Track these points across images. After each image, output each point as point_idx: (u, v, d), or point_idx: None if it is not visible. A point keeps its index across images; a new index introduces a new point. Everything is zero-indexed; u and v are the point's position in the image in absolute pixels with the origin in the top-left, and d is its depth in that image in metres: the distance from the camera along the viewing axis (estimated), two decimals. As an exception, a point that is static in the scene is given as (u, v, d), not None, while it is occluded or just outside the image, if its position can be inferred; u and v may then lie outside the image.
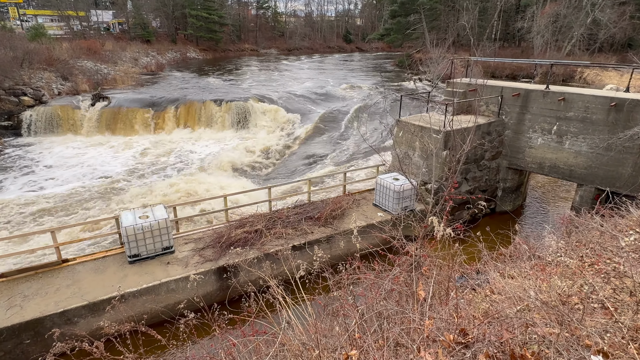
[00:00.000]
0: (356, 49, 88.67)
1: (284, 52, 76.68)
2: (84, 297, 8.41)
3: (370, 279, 4.55)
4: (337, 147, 23.35)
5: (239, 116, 26.50)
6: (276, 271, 8.63)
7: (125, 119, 25.93)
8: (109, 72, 36.99)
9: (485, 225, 8.48)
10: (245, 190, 13.31)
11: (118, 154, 22.37)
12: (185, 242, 10.71)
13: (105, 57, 40.77)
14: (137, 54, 47.94)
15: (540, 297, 3.94)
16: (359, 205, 13.18)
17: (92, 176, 19.02)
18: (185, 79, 39.09)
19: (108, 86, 32.88)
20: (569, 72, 39.39)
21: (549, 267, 5.96)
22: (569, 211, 12.21)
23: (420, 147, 13.16)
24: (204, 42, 65.99)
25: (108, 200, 16.22)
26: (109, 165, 20.65)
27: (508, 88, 13.89)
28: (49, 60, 31.48)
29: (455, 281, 5.46)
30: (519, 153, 14.02)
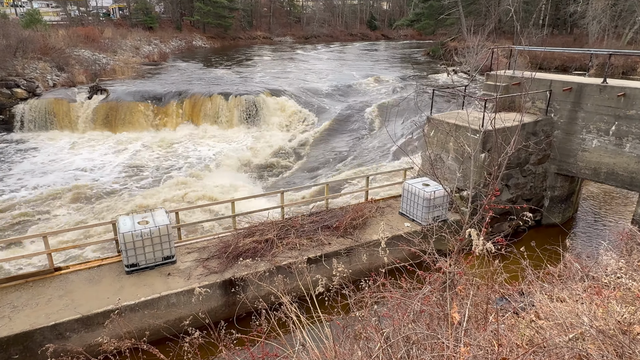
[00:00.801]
0: (382, 37, 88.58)
1: (300, 40, 77.25)
2: (77, 309, 8.62)
3: (396, 298, 4.52)
4: (358, 147, 23.32)
5: (249, 112, 26.80)
6: (289, 286, 8.65)
7: (124, 114, 26.56)
8: (107, 62, 37.98)
9: (529, 239, 8.31)
10: (255, 195, 13.42)
11: (116, 152, 22.90)
12: (188, 252, 10.85)
13: (104, 46, 41.90)
14: (138, 42, 49.09)
15: (595, 325, 3.84)
16: (383, 214, 13.12)
17: (86, 177, 19.51)
18: (190, 70, 39.80)
19: (106, 77, 33.74)
20: (630, 63, 38.37)
21: (605, 289, 5.80)
22: (629, 225, 11.86)
23: (454, 149, 13.03)
24: (212, 29, 67.08)
25: (102, 204, 16.61)
26: (105, 165, 21.16)
27: (558, 82, 13.63)
28: (44, 49, 32.55)
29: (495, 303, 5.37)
30: (570, 157, 13.73)
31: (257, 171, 20.79)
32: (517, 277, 6.23)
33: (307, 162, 22.04)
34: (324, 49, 65.49)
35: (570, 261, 7.03)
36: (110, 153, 22.79)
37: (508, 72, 15.18)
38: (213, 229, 13.89)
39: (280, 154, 22.74)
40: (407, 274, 5.54)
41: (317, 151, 23.23)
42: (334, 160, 21.81)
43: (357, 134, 25.08)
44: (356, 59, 52.83)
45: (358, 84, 33.91)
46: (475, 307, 4.10)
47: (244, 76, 36.39)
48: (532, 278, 6.18)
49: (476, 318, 4.15)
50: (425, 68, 44.17)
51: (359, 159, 21.75)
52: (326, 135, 25.05)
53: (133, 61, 41.69)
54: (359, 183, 17.76)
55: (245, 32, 73.07)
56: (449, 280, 3.81)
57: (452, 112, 14.31)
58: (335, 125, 26.07)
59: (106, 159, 21.96)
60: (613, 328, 3.72)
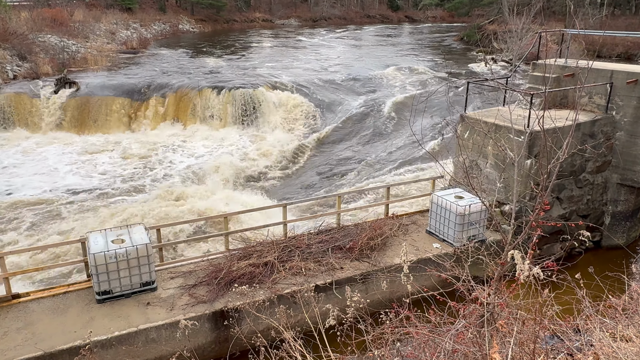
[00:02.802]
0: (405, 19, 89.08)
1: (307, 24, 77.92)
2: (38, 345, 8.67)
3: (423, 334, 4.51)
4: (377, 150, 23.34)
5: (246, 108, 26.97)
6: (293, 319, 8.63)
7: (97, 112, 26.91)
8: (78, 49, 38.61)
9: (586, 264, 8.22)
10: (252, 209, 13.46)
11: (86, 157, 23.18)
12: (171, 277, 10.88)
13: (73, 30, 42.63)
14: (114, 26, 49.89)
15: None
16: (407, 232, 13.09)
17: (49, 187, 19.74)
18: (175, 58, 40.28)
19: (77, 68, 34.25)
20: None
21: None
22: None
23: (494, 154, 12.98)
24: (202, 11, 68.00)
25: (69, 220, 16.78)
26: (72, 172, 21.40)
27: (621, 72, 13.57)
28: (3, 35, 33.23)
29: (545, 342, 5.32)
30: (636, 164, 13.61)
31: (254, 180, 20.86)
32: (572, 311, 6.16)
33: (314, 169, 22.07)
34: (335, 33, 65.96)
35: (637, 291, 6.94)
36: (77, 157, 23.04)
37: (559, 61, 15.15)
38: (201, 249, 13.92)
39: (283, 159, 22.82)
40: (436, 305, 5.51)
41: (327, 156, 23.27)
42: (348, 166, 21.83)
43: (375, 135, 25.12)
44: (374, 46, 53.09)
45: (377, 76, 34.05)
46: (520, 347, 4.07)
47: (239, 66, 36.73)
48: (590, 312, 6.11)
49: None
50: (458, 56, 44.25)
51: (378, 165, 21.75)
52: (338, 136, 25.11)
53: (108, 48, 42.31)
54: (378, 195, 17.73)
55: (242, 14, 73.96)
56: (488, 314, 3.79)
57: (491, 110, 14.31)
58: (349, 124, 26.14)
59: (76, 164, 22.20)
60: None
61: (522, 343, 4.15)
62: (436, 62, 40.61)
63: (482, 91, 26.96)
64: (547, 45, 31.97)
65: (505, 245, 4.01)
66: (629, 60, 37.79)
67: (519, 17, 33.97)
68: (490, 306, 3.84)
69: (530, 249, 4.06)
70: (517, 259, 3.49)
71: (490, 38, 42.18)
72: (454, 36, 59.88)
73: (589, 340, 5.42)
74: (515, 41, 32.44)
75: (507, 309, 4.12)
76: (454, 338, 3.97)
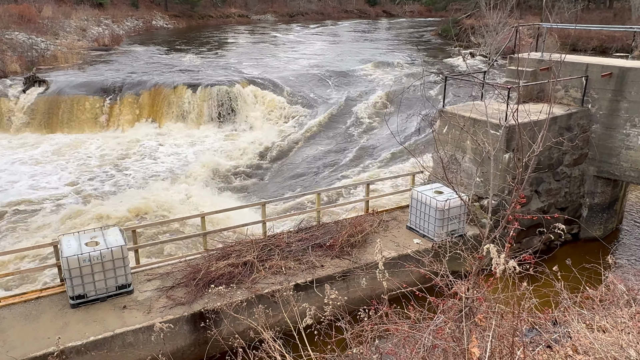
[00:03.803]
0: (383, 14, 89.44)
1: (284, 19, 77.69)
2: (9, 353, 8.49)
3: (403, 330, 4.53)
4: (356, 147, 23.40)
5: (223, 106, 26.81)
6: (273, 319, 8.64)
7: (68, 111, 26.44)
8: (47, 46, 37.86)
9: (565, 256, 8.38)
10: (230, 208, 13.38)
11: (57, 157, 22.74)
12: (148, 279, 10.76)
13: (42, 27, 41.76)
14: (85, 23, 49.03)
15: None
16: (388, 229, 13.15)
17: (17, 191, 19.31)
18: (149, 55, 39.78)
19: (46, 66, 33.61)
20: (681, 43, 39.00)
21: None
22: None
23: (472, 148, 13.13)
24: (176, 7, 67.23)
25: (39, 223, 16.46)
26: (43, 174, 20.99)
27: (596, 66, 13.83)
28: (-32, 32, 32.36)
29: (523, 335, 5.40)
30: (612, 156, 13.89)
31: (232, 179, 20.75)
32: (550, 303, 6.27)
33: (294, 166, 22.05)
34: (313, 29, 65.91)
35: (613, 282, 7.10)
36: (52, 157, 22.60)
37: (535, 55, 15.37)
38: (179, 250, 13.80)
39: (261, 158, 22.75)
40: (417, 301, 5.56)
41: (307, 153, 23.26)
42: (327, 163, 21.85)
43: (355, 132, 25.18)
44: (353, 41, 53.20)
45: (355, 71, 34.13)
46: (499, 340, 4.13)
47: (215, 63, 36.45)
48: (568, 304, 6.23)
49: (500, 353, 4.17)
50: (436, 51, 44.61)
51: (358, 161, 21.81)
52: (317, 133, 25.12)
53: (79, 46, 41.59)
54: (358, 191, 17.79)
55: (217, 10, 73.35)
56: (467, 308, 3.83)
57: (468, 104, 14.44)
58: (328, 121, 26.16)
59: (46, 165, 21.77)
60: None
61: (501, 336, 4.21)
62: (414, 57, 40.88)
63: (461, 86, 27.23)
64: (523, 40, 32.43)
65: (483, 239, 4.06)
66: (604, 54, 38.57)
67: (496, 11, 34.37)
68: (468, 301, 3.88)
69: (507, 242, 4.12)
70: (492, 253, 3.53)
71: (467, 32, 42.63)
72: (431, 31, 60.35)
73: (567, 331, 5.52)
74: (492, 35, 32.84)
75: (486, 303, 4.17)
76: (433, 333, 4.01)
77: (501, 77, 26.51)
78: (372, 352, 4.14)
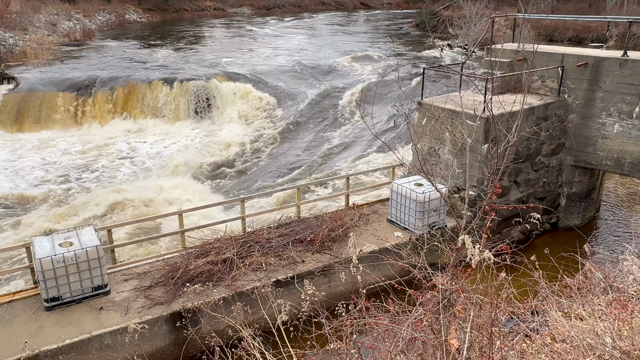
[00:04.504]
0: (360, 6, 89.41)
1: (261, 12, 77.17)
2: (-19, 359, 8.34)
3: (383, 324, 4.55)
4: (336, 141, 23.42)
5: (199, 101, 26.57)
6: (253, 317, 8.61)
7: (39, 108, 25.88)
8: (16, 42, 37.00)
9: (544, 246, 8.51)
10: (208, 205, 13.29)
11: (28, 156, 22.28)
12: (125, 279, 10.66)
13: (10, 22, 40.78)
14: (55, 17, 48.02)
15: (619, 346, 3.96)
16: (368, 222, 13.20)
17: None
18: (123, 50, 39.18)
19: (15, 62, 32.85)
20: (655, 32, 39.83)
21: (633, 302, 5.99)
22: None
23: (451, 140, 13.22)
24: (150, 0, 66.22)
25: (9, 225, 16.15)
26: (12, 173, 20.55)
27: (571, 56, 14.03)
28: None
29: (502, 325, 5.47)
30: (589, 145, 14.14)
31: (210, 175, 20.61)
32: (528, 293, 6.37)
33: (272, 161, 21.98)
34: (290, 22, 65.60)
35: (590, 270, 7.23)
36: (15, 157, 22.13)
37: (511, 46, 15.52)
38: (156, 249, 13.67)
39: (240, 153, 22.62)
40: (397, 294, 5.58)
41: (286, 148, 23.20)
42: (307, 158, 21.82)
43: (334, 125, 25.17)
44: (331, 34, 53.11)
45: (334, 65, 34.08)
46: (478, 331, 4.17)
47: (191, 57, 36.05)
48: (547, 292, 6.33)
49: (480, 344, 4.21)
50: (414, 43, 44.79)
51: (338, 155, 21.83)
52: (296, 127, 25.05)
53: (49, 41, 40.72)
54: (338, 184, 17.81)
55: (192, 3, 72.46)
56: (444, 300, 3.86)
57: (446, 96, 14.51)
58: (307, 115, 26.10)
59: (16, 164, 21.32)
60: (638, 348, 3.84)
61: (480, 327, 4.25)
62: (392, 49, 40.97)
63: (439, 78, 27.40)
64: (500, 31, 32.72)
65: (460, 230, 4.09)
66: (580, 44, 39.16)
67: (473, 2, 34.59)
68: (446, 292, 3.91)
69: (484, 233, 4.15)
70: (467, 244, 3.56)
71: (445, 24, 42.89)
72: (409, 22, 60.56)
73: (545, 320, 5.61)
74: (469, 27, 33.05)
75: (464, 294, 4.21)
76: (411, 326, 4.03)
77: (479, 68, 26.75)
78: (350, 347, 4.15)
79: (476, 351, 4.15)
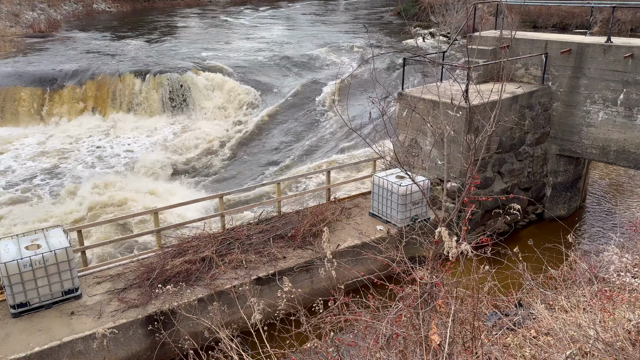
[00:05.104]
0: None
1: (236, 1, 76.50)
2: (-55, 370, 8.18)
3: (364, 321, 4.57)
4: (316, 134, 23.40)
5: (175, 95, 26.30)
6: (232, 317, 8.59)
7: (2, 103, 25.39)
8: (-24, 35, 36.18)
9: (529, 237, 8.63)
10: (185, 202, 13.14)
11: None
12: (98, 282, 10.56)
13: (-30, 14, 39.83)
14: (17, 8, 47.03)
15: (602, 337, 4.03)
16: (350, 216, 13.26)
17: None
18: (91, 42, 38.54)
19: (-24, 56, 32.13)
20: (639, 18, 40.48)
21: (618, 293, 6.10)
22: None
23: (433, 131, 13.30)
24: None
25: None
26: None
27: (555, 42, 14.18)
28: None
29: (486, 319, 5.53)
30: (573, 134, 14.35)
31: (187, 172, 20.45)
32: (513, 285, 6.46)
33: (251, 156, 21.88)
34: (266, 11, 65.21)
35: (575, 261, 7.35)
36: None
37: (494, 33, 15.63)
38: (130, 249, 13.55)
39: (217, 148, 22.48)
40: (378, 289, 5.61)
41: (265, 142, 23.11)
42: (286, 152, 21.78)
43: (314, 118, 25.14)
44: (309, 24, 52.93)
45: (313, 55, 33.98)
46: (460, 325, 4.21)
47: (165, 49, 35.61)
48: (532, 285, 6.43)
49: (463, 339, 4.25)
50: (394, 31, 44.89)
51: (318, 149, 21.83)
52: (275, 121, 24.95)
53: (11, 33, 39.91)
54: (319, 178, 17.81)
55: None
56: (425, 294, 3.88)
57: (428, 86, 14.59)
58: (286, 108, 26.01)
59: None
60: (622, 339, 3.92)
61: (463, 321, 4.29)
62: (373, 38, 40.96)
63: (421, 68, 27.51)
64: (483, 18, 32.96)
65: (439, 222, 4.12)
66: (564, 30, 39.67)
67: (455, -12, 34.77)
68: (427, 286, 3.93)
69: (463, 225, 4.18)
70: (444, 237, 3.58)
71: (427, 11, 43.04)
72: (390, 10, 60.61)
73: (530, 314, 5.69)
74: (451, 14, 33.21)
75: (445, 287, 4.24)
76: (392, 322, 4.05)
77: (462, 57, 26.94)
78: (329, 345, 4.16)
79: (459, 346, 4.19)
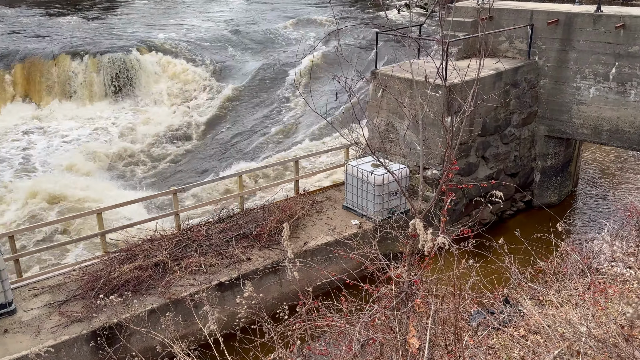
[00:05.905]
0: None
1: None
2: None
3: (336, 326, 4.57)
4: (281, 119, 23.34)
5: (118, 78, 25.87)
6: (189, 328, 8.53)
7: None
8: None
9: (515, 227, 8.77)
10: (133, 200, 13.00)
11: None
12: (35, 294, 10.38)
13: None
14: None
15: (595, 334, 4.12)
16: (322, 210, 13.26)
17: None
18: (19, 19, 37.51)
19: None
20: (631, -15, 41.42)
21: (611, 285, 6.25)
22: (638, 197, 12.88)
23: (410, 114, 13.36)
24: (51, -42, 63.52)
25: None
26: None
27: (541, 12, 14.35)
28: None
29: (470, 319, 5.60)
30: (563, 113, 14.58)
31: (134, 165, 20.19)
32: (500, 280, 6.55)
33: (208, 146, 21.72)
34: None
35: (567, 252, 7.50)
36: None
37: (474, 3, 15.71)
38: (71, 256, 13.34)
39: (169, 138, 22.27)
40: (352, 291, 5.62)
41: (224, 130, 22.96)
42: (248, 140, 21.67)
43: (278, 102, 25.05)
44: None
45: (276, 31, 33.81)
46: (442, 327, 4.25)
47: (106, 27, 34.89)
48: (519, 279, 6.53)
49: (445, 341, 4.30)
50: (367, 3, 44.88)
51: (285, 137, 21.77)
52: (234, 106, 24.80)
53: None
54: (286, 170, 17.76)
55: (104, -39, 69.99)
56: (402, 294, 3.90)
57: (404, 63, 14.63)
58: (246, 91, 25.85)
59: None
60: (614, 334, 4.01)
61: (444, 322, 4.33)
62: (342, 10, 40.89)
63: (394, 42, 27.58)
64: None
65: (416, 213, 4.14)
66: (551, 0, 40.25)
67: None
68: (404, 285, 3.96)
69: (442, 216, 4.22)
70: (419, 229, 3.60)
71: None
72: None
73: (518, 310, 5.78)
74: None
75: (424, 285, 4.28)
76: (366, 327, 4.07)
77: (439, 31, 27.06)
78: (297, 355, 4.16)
79: (441, 349, 4.24)
